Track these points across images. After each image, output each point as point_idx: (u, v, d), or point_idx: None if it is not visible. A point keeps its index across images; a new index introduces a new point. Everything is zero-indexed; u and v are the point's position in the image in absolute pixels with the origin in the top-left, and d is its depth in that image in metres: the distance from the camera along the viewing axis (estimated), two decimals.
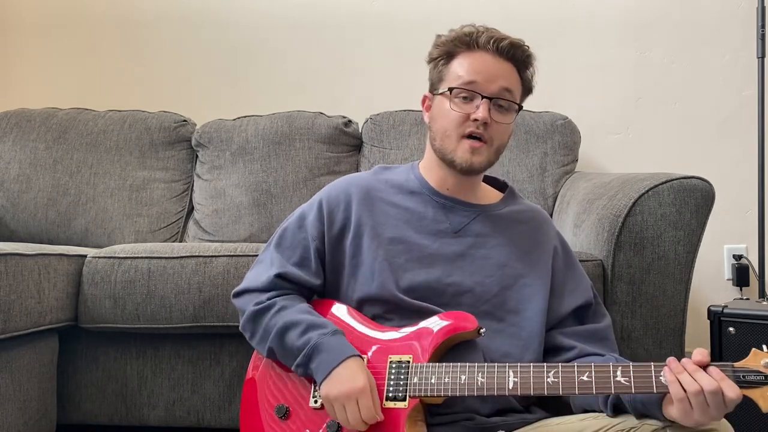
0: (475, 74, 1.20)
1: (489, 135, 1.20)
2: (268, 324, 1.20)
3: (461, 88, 1.21)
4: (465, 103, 1.20)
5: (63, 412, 1.73)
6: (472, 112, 1.19)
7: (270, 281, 1.25)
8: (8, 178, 2.33)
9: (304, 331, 1.15)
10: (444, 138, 1.23)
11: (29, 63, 2.78)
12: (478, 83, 1.19)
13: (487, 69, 1.20)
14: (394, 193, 1.30)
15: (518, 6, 2.51)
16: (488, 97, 1.19)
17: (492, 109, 1.20)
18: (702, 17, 2.45)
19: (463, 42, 1.23)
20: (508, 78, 1.22)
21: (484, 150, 1.21)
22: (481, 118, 1.18)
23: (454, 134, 1.21)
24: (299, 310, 1.20)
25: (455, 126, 1.21)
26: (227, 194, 2.29)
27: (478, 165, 1.22)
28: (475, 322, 1.13)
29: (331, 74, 2.62)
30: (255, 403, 1.22)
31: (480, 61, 1.21)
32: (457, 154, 1.21)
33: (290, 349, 1.16)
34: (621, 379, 1.00)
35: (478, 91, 1.19)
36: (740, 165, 2.39)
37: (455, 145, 1.21)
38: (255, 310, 1.22)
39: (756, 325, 1.61)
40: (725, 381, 0.94)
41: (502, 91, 1.20)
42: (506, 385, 1.05)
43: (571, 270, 1.30)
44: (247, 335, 1.27)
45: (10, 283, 1.48)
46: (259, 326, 1.22)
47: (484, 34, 1.21)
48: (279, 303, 1.22)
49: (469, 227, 1.26)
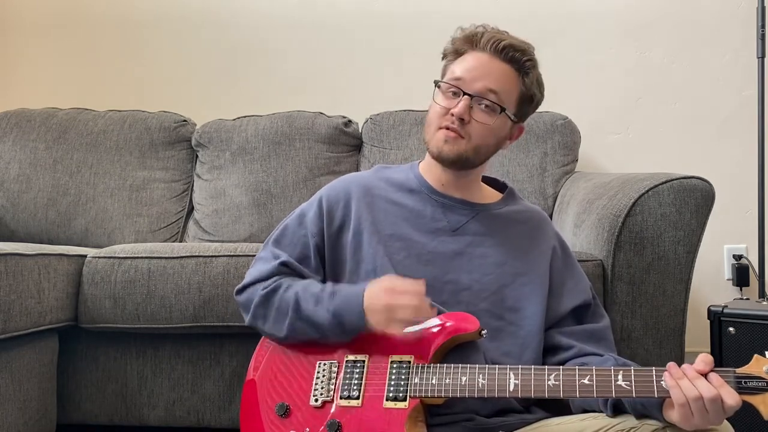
0: (463, 72, 1.21)
1: (466, 131, 1.21)
2: (281, 302, 1.21)
3: (445, 83, 1.23)
4: (450, 99, 1.22)
5: (63, 412, 1.73)
6: (452, 107, 1.20)
7: (275, 269, 1.26)
8: (8, 178, 2.33)
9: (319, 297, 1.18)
10: (427, 128, 1.26)
11: (29, 63, 2.78)
12: (463, 80, 1.21)
13: (477, 68, 1.21)
14: (393, 191, 1.31)
15: (518, 6, 2.51)
16: (470, 95, 1.20)
17: (474, 107, 1.20)
18: (702, 17, 2.45)
19: (467, 42, 1.24)
20: (498, 79, 1.21)
21: (459, 142, 1.21)
22: (456, 114, 1.19)
23: (433, 125, 1.24)
24: (305, 284, 1.23)
25: (436, 118, 1.23)
26: (227, 194, 2.29)
27: (447, 153, 1.22)
28: (476, 324, 1.13)
29: (331, 74, 2.62)
30: (255, 402, 1.22)
31: (474, 60, 1.22)
32: (431, 143, 1.24)
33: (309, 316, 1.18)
34: (622, 383, 1.00)
35: (461, 88, 1.20)
36: (740, 165, 2.39)
37: (432, 134, 1.24)
38: (264, 293, 1.24)
39: (756, 325, 1.61)
40: (724, 387, 0.94)
41: (485, 91, 1.20)
42: (507, 387, 1.06)
43: (570, 270, 1.30)
44: (259, 322, 1.26)
45: (10, 283, 1.48)
46: (272, 307, 1.23)
47: (486, 35, 1.22)
48: (285, 282, 1.24)
49: (467, 226, 1.27)
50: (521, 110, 1.26)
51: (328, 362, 1.18)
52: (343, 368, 1.16)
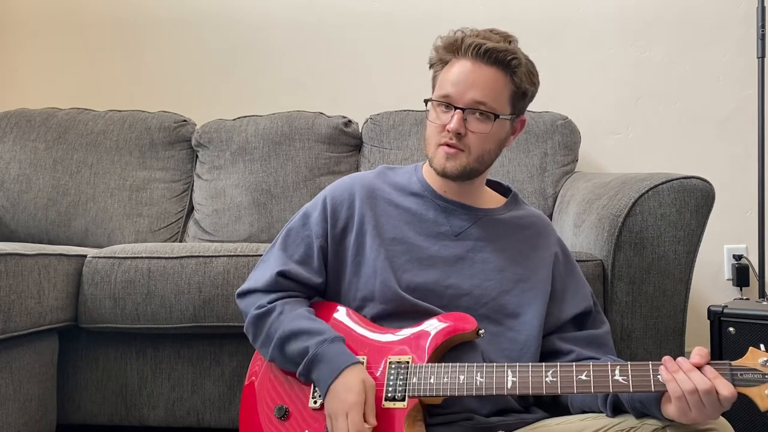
0: (450, 86, 1.20)
1: (465, 144, 1.20)
2: (270, 330, 1.21)
3: (437, 100, 1.22)
4: (443, 113, 1.21)
5: (63, 412, 1.73)
6: (447, 123, 1.19)
7: (272, 280, 1.25)
8: (8, 178, 2.33)
9: (304, 339, 1.15)
10: (427, 146, 1.26)
11: (29, 63, 2.78)
12: (451, 96, 1.19)
13: (462, 80, 1.19)
14: (396, 194, 1.30)
15: (518, 6, 2.50)
16: (461, 108, 1.19)
17: (469, 118, 1.19)
18: (702, 17, 2.45)
19: (449, 50, 1.22)
20: (486, 86, 1.19)
21: (461, 156, 1.21)
22: (452, 130, 1.19)
23: (432, 142, 1.23)
24: (299, 315, 1.20)
25: (434, 135, 1.23)
26: (227, 194, 2.29)
27: (451, 170, 1.21)
28: (474, 323, 1.13)
29: (331, 74, 2.62)
30: (254, 404, 1.22)
31: (459, 71, 1.20)
32: (435, 160, 1.23)
33: (291, 358, 1.17)
34: (619, 378, 1.01)
35: (452, 104, 1.19)
36: (740, 165, 2.39)
37: (434, 152, 1.23)
38: (256, 315, 1.23)
39: (756, 325, 1.60)
40: (718, 379, 0.94)
41: (475, 103, 1.19)
42: (505, 385, 1.06)
43: (572, 277, 1.30)
44: (250, 338, 1.27)
45: (10, 283, 1.48)
46: (261, 331, 1.23)
47: (467, 39, 1.20)
48: (279, 308, 1.22)
49: (469, 231, 1.27)
50: (516, 107, 1.25)
51: None
52: None
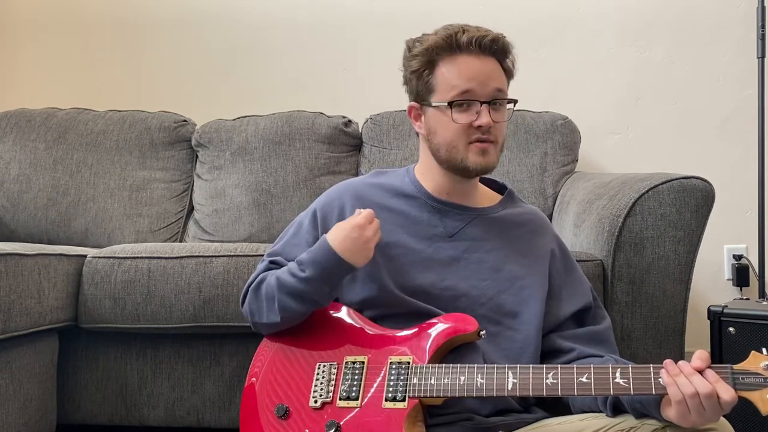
0: (468, 81, 1.18)
1: (494, 136, 1.21)
2: (267, 288, 1.24)
3: (461, 99, 1.19)
4: (464, 112, 1.19)
5: (63, 412, 1.73)
6: (474, 120, 1.19)
7: (264, 266, 1.30)
8: (8, 178, 2.33)
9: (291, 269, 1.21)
10: (451, 149, 1.21)
11: (29, 63, 2.78)
12: (474, 91, 1.18)
13: (478, 73, 1.19)
14: (389, 197, 1.30)
15: (518, 6, 2.51)
16: (487, 102, 1.19)
17: (491, 110, 1.20)
18: (702, 17, 2.45)
19: (443, 47, 1.20)
20: (498, 76, 1.21)
21: (492, 149, 1.21)
22: (485, 125, 1.18)
23: (461, 144, 1.20)
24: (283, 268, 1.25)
25: (460, 136, 1.20)
26: (227, 194, 2.29)
27: (492, 164, 1.22)
28: (475, 324, 1.13)
29: (331, 74, 2.62)
30: (254, 404, 1.22)
31: (468, 66, 1.19)
32: (470, 160, 1.20)
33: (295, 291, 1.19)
34: (620, 381, 1.00)
35: (477, 99, 1.19)
36: (740, 165, 2.39)
37: (464, 153, 1.20)
38: (252, 289, 1.27)
39: (756, 325, 1.60)
40: (719, 383, 0.94)
41: (496, 92, 1.20)
42: (505, 386, 1.06)
43: (570, 273, 1.30)
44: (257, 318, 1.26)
45: (10, 283, 1.48)
46: (261, 297, 1.24)
47: (464, 34, 1.19)
48: (267, 273, 1.27)
49: (464, 231, 1.26)
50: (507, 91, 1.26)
51: (327, 364, 1.18)
52: (342, 369, 1.16)
